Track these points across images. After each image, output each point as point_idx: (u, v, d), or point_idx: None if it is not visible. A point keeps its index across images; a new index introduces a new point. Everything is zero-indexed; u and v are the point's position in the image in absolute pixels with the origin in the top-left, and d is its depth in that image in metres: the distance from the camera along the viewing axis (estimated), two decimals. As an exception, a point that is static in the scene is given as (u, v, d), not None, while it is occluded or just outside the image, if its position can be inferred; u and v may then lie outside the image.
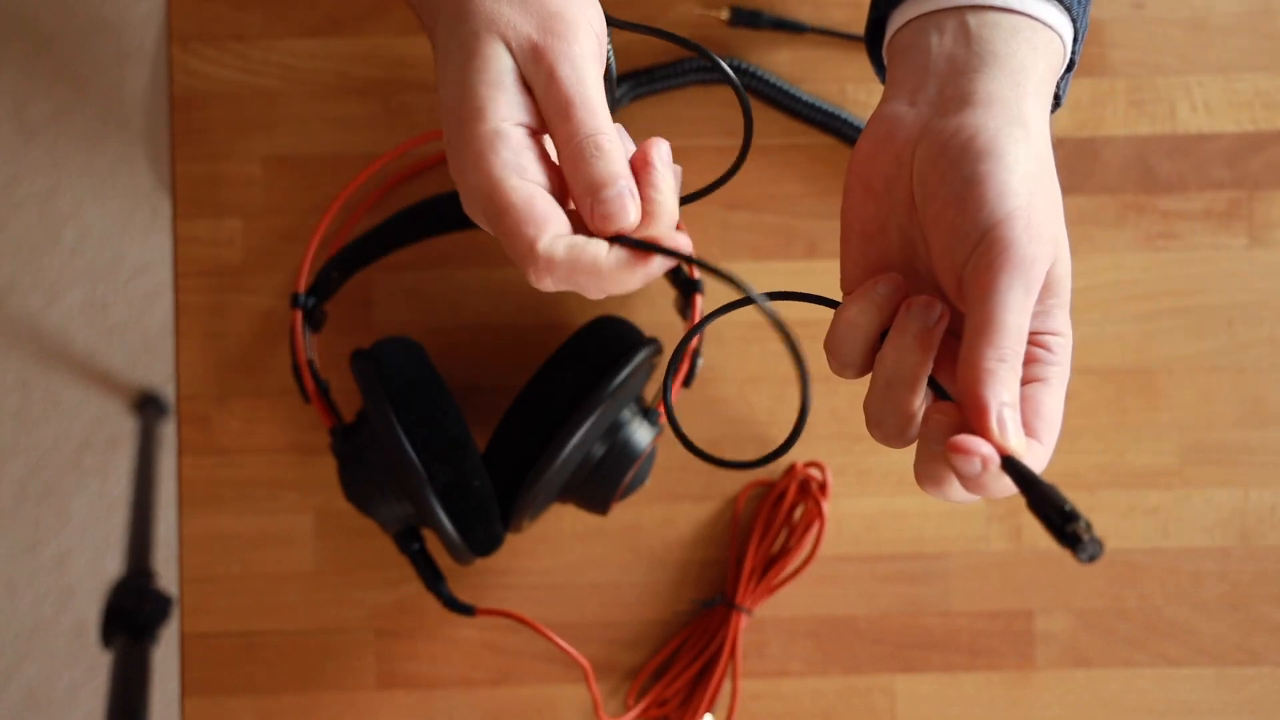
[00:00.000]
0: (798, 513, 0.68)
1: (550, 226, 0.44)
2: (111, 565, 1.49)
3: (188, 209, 0.69)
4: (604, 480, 0.62)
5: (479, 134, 0.45)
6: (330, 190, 0.69)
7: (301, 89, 0.69)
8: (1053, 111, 0.48)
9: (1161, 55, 0.70)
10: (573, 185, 0.45)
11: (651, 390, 0.67)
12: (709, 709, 0.67)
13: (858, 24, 0.69)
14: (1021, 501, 0.68)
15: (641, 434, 0.63)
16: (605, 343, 0.63)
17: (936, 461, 0.42)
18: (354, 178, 0.68)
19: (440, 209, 0.66)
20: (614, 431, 0.62)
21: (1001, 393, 0.41)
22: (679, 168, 0.47)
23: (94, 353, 1.50)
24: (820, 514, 0.67)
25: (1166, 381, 0.69)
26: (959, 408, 0.42)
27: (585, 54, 0.46)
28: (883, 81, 0.51)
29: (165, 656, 1.10)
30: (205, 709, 0.68)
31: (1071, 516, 0.37)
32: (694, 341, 0.64)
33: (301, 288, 0.66)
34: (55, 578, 1.49)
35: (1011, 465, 0.40)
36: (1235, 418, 0.69)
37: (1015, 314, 0.42)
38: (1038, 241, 0.42)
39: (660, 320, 0.68)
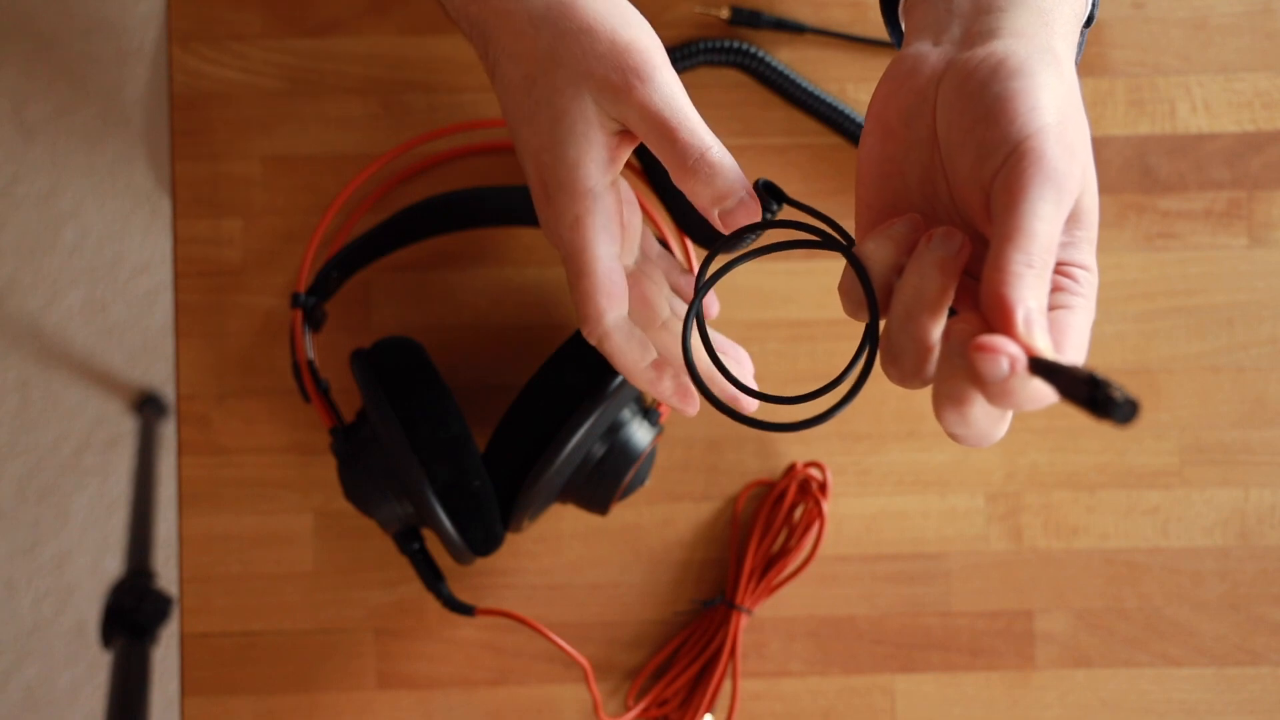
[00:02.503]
0: (798, 513, 0.68)
1: (619, 304, 0.52)
2: (111, 565, 1.49)
3: (188, 209, 0.69)
4: (604, 480, 0.62)
5: (577, 196, 0.50)
6: (330, 190, 0.69)
7: (301, 89, 0.69)
8: None
9: (1161, 55, 0.70)
10: (696, 202, 0.49)
11: (651, 390, 0.67)
12: (709, 709, 0.67)
13: (858, 24, 0.69)
14: (1021, 501, 0.69)
15: (641, 434, 0.63)
16: (605, 343, 0.63)
17: (957, 379, 0.40)
18: (354, 178, 0.68)
19: (440, 209, 0.66)
20: (614, 431, 0.62)
21: (1028, 296, 0.39)
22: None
23: (94, 353, 1.50)
24: (820, 514, 0.67)
25: (1166, 381, 0.69)
26: (982, 318, 0.40)
27: (666, 78, 0.49)
28: (898, 47, 0.50)
29: (165, 656, 1.10)
30: (205, 709, 0.68)
31: (1100, 383, 0.35)
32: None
33: (301, 288, 0.66)
34: (55, 578, 1.49)
35: (1039, 365, 0.38)
36: (1235, 418, 0.69)
37: (1045, 223, 0.40)
38: (1070, 158, 0.41)
39: (660, 320, 0.68)
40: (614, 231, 0.51)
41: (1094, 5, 0.48)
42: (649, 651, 0.69)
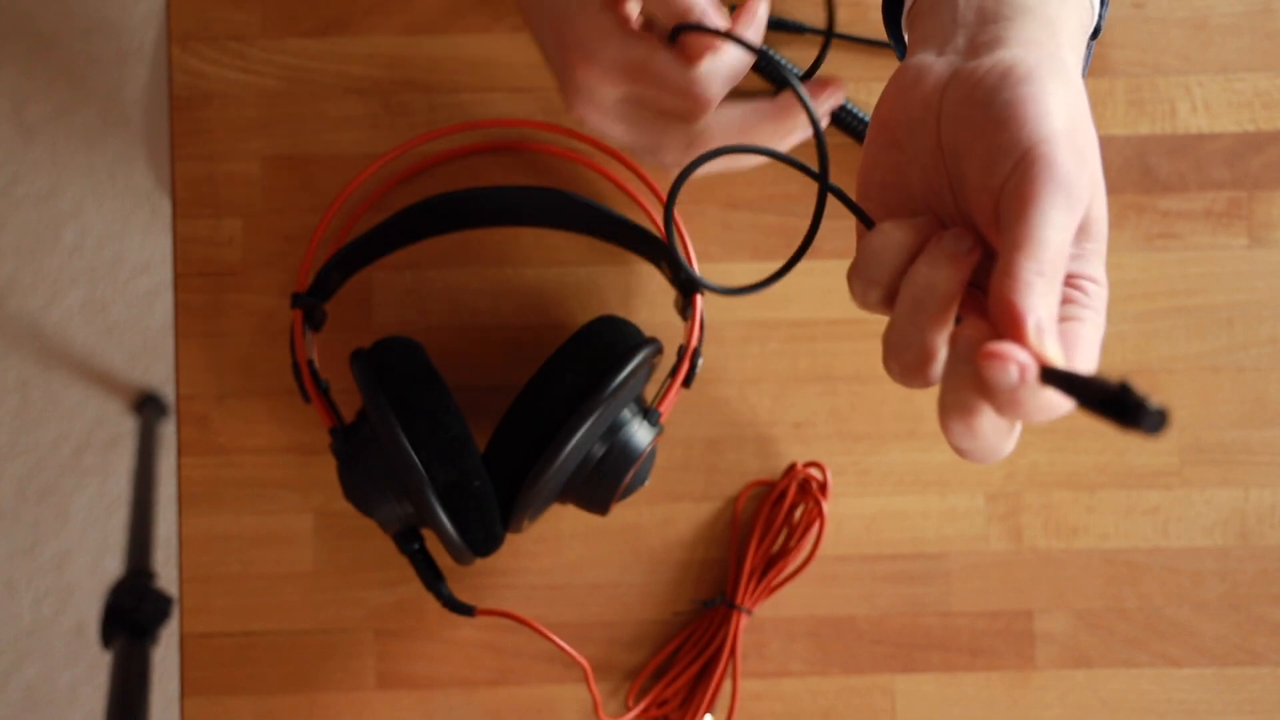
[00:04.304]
0: (798, 513, 0.68)
1: (701, 57, 0.51)
2: (111, 565, 1.49)
3: (188, 209, 0.69)
4: (604, 480, 0.62)
5: (591, 24, 0.52)
6: (330, 190, 0.69)
7: (301, 89, 0.69)
8: None
9: (1161, 55, 0.70)
10: (664, 20, 0.51)
11: (652, 390, 0.67)
12: (709, 709, 0.67)
13: (858, 24, 0.69)
14: (1021, 501, 0.69)
15: (641, 434, 0.63)
16: (605, 343, 0.63)
17: (965, 389, 0.39)
18: (354, 178, 0.68)
19: (440, 209, 0.66)
20: (614, 431, 0.62)
21: (1039, 305, 0.38)
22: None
23: (94, 353, 1.50)
24: (820, 514, 0.67)
25: (1166, 381, 0.69)
26: (991, 325, 0.39)
27: None
28: (900, 58, 0.50)
29: (165, 656, 1.10)
30: (205, 709, 0.68)
31: (1131, 390, 0.33)
32: (694, 342, 0.64)
33: (302, 288, 0.66)
34: (55, 578, 1.49)
35: (1052, 374, 0.37)
36: (1235, 418, 0.69)
37: (1056, 231, 0.39)
38: (1080, 165, 0.40)
39: (660, 320, 0.68)
40: (632, 29, 0.52)
41: (1100, 17, 0.48)
42: (649, 651, 0.69)
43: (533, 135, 0.69)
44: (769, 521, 0.68)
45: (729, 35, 0.50)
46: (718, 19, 0.51)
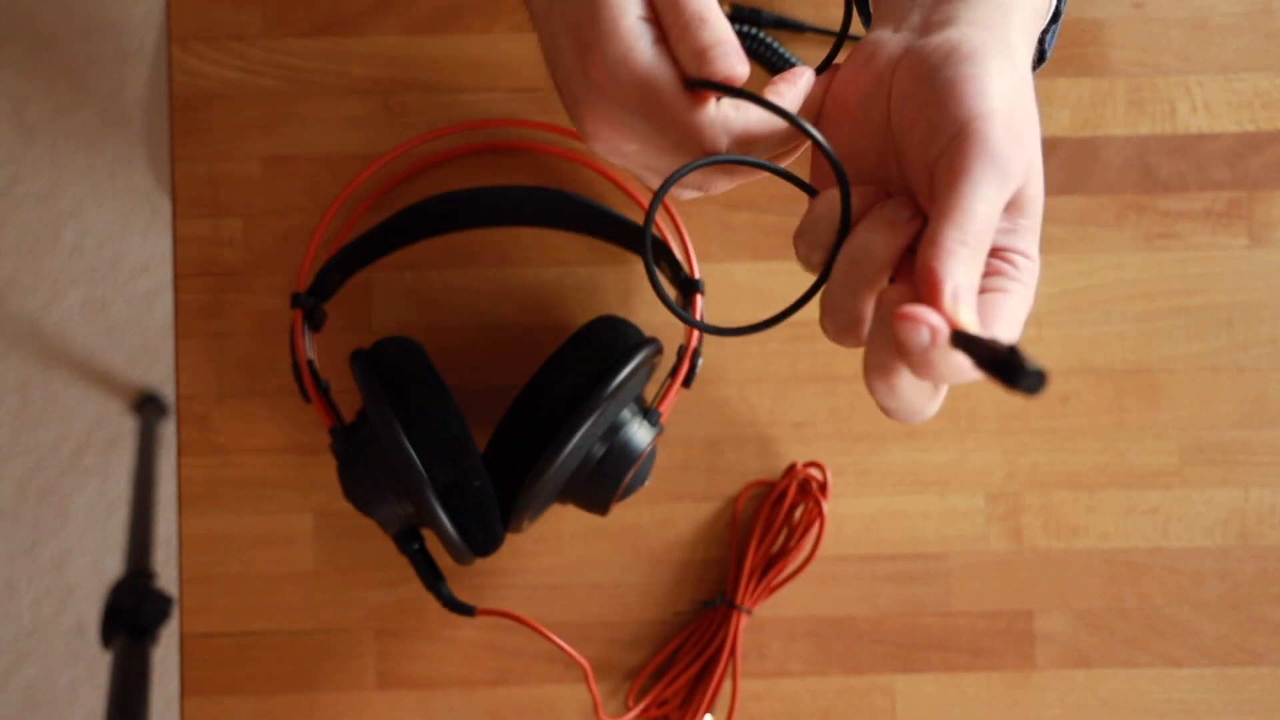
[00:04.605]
0: (798, 513, 0.68)
1: (710, 99, 0.47)
2: (111, 565, 1.49)
3: (188, 209, 0.69)
4: (604, 480, 0.62)
5: (622, 29, 0.47)
6: (330, 190, 0.69)
7: (301, 89, 0.69)
8: (1038, 66, 0.48)
9: (1161, 55, 0.70)
10: (683, 58, 0.46)
11: (652, 390, 0.67)
12: (709, 709, 0.67)
13: (857, 24, 0.69)
14: (1021, 501, 0.68)
15: (641, 434, 0.63)
16: (605, 343, 0.63)
17: (886, 349, 0.41)
18: (354, 178, 0.68)
19: (440, 209, 0.67)
20: (614, 432, 0.62)
21: (958, 272, 0.40)
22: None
23: (94, 353, 1.50)
24: (820, 514, 0.67)
25: (1166, 381, 0.69)
26: (914, 289, 0.41)
27: None
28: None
29: (165, 656, 1.10)
30: (205, 709, 0.68)
31: (1013, 352, 0.35)
32: (694, 342, 0.64)
33: (302, 288, 0.66)
34: (55, 578, 1.49)
35: (962, 339, 0.38)
36: (1235, 418, 0.69)
37: (984, 204, 0.41)
38: (1015, 143, 0.42)
39: (660, 320, 0.68)
40: (664, 56, 0.48)
41: (1060, 2, 0.49)
42: (649, 651, 0.69)
43: (533, 135, 0.69)
44: (769, 521, 0.68)
45: (747, 95, 0.46)
46: (741, 66, 0.47)
